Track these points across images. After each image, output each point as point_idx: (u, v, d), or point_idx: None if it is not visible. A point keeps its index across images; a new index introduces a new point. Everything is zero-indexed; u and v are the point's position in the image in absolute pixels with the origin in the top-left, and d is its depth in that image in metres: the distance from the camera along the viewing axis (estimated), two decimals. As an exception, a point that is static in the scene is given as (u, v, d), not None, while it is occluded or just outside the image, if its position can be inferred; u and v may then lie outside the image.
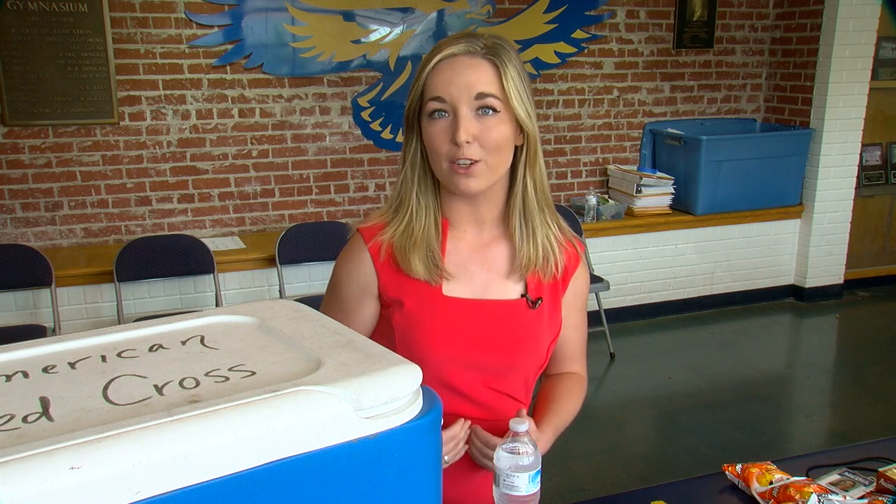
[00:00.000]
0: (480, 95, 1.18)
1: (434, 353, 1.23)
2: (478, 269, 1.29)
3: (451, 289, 1.26)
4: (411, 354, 1.23)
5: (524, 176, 1.26)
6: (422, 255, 1.24)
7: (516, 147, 1.25)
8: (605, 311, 4.36)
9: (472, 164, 1.19)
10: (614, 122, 4.87)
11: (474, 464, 1.28)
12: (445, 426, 1.20)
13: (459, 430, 1.22)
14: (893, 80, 5.17)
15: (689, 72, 4.96)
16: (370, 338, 1.31)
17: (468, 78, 1.18)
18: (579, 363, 1.43)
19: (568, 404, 1.36)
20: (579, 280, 1.35)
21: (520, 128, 1.23)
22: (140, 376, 0.74)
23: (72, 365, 0.77)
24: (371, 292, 1.29)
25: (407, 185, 1.27)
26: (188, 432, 0.61)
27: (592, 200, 4.52)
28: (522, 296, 1.29)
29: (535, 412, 1.34)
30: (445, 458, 1.20)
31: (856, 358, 4.43)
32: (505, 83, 1.19)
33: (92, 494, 0.56)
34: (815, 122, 4.85)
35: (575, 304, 1.36)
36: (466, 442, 1.24)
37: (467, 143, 1.17)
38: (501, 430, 1.23)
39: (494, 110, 1.19)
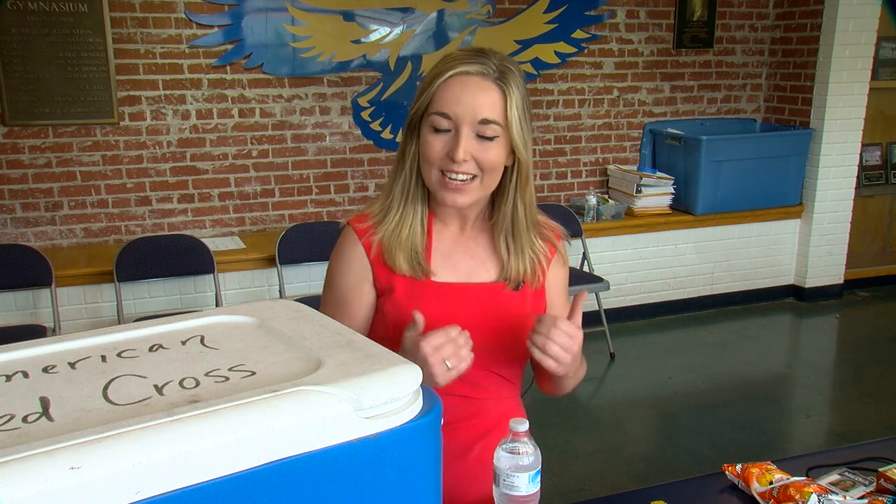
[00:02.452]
0: (484, 122, 1.23)
1: None
2: (462, 258, 1.35)
3: (437, 276, 1.33)
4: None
5: (514, 198, 1.32)
6: (406, 255, 1.30)
7: (506, 166, 1.31)
8: (605, 311, 4.35)
9: (468, 180, 1.25)
10: (614, 122, 4.87)
11: (466, 446, 1.31)
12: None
13: (456, 333, 1.15)
14: (893, 80, 5.16)
15: (689, 72, 4.96)
16: (368, 333, 1.34)
17: (476, 100, 1.23)
18: None
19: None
20: (556, 264, 1.41)
21: (512, 151, 1.29)
22: (140, 376, 0.74)
23: (72, 365, 0.78)
24: (367, 280, 1.34)
25: (402, 187, 1.32)
26: (188, 432, 0.61)
27: (592, 200, 4.52)
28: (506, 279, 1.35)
29: (540, 374, 1.38)
30: (448, 363, 1.13)
31: (856, 358, 4.43)
32: (508, 111, 1.25)
33: (92, 494, 0.56)
34: (815, 122, 4.85)
35: (556, 286, 1.42)
36: (472, 350, 1.18)
37: (464, 161, 1.23)
38: (492, 409, 1.27)
39: (494, 136, 1.25)
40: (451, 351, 1.13)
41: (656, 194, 4.67)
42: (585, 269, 4.35)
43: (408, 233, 1.31)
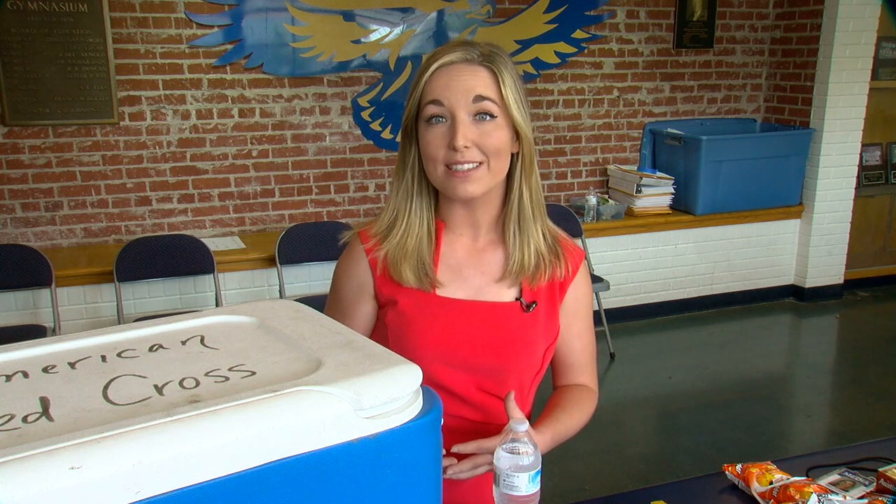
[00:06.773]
0: (478, 98, 1.18)
1: (426, 353, 1.22)
2: (472, 273, 1.29)
3: (445, 290, 1.27)
4: (404, 353, 1.23)
5: (520, 184, 1.27)
6: (412, 265, 1.25)
7: (512, 155, 1.26)
8: (605, 311, 4.36)
9: (474, 167, 1.19)
10: (614, 122, 4.87)
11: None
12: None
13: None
14: (893, 80, 5.16)
15: (689, 72, 4.96)
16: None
17: (466, 83, 1.19)
18: (587, 375, 1.40)
19: (573, 413, 1.33)
20: (579, 287, 1.34)
21: (515, 135, 1.24)
22: (140, 376, 0.74)
23: (72, 365, 0.77)
24: (367, 292, 1.30)
25: (404, 195, 1.28)
26: (188, 432, 0.61)
27: (592, 200, 4.52)
28: (517, 299, 1.28)
29: (539, 416, 1.33)
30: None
31: (856, 358, 4.42)
32: (503, 89, 1.20)
33: (92, 494, 0.56)
34: (815, 122, 4.85)
35: (577, 311, 1.34)
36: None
37: (465, 147, 1.18)
38: (493, 434, 1.21)
39: (492, 115, 1.20)
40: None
41: (656, 194, 4.67)
42: (585, 269, 4.35)
43: (414, 242, 1.25)
